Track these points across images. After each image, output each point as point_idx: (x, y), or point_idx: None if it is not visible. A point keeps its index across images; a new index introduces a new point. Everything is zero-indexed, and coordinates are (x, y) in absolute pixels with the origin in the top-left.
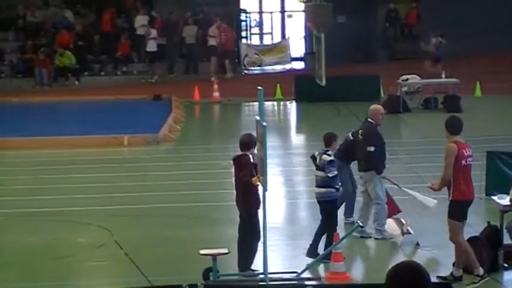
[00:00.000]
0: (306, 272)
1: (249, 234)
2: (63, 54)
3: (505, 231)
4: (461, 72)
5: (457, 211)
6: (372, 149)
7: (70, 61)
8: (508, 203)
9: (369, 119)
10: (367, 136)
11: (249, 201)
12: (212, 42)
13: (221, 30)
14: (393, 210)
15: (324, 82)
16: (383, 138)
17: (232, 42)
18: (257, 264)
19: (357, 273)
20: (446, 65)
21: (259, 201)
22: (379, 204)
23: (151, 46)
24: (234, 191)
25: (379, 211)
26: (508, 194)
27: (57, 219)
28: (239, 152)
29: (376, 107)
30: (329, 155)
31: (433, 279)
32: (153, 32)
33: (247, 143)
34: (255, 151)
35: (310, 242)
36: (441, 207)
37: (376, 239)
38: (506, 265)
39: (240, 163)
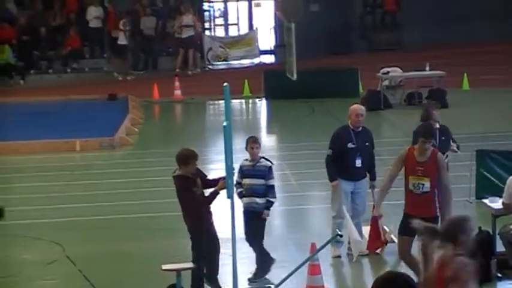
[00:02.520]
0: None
1: (194, 252)
2: (3, 50)
3: (497, 237)
4: (447, 63)
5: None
6: (329, 152)
7: (8, 58)
8: (501, 206)
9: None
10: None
11: (195, 221)
12: (190, 32)
13: (195, 19)
14: (375, 245)
15: (295, 76)
16: (346, 143)
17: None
18: (226, 279)
19: (336, 286)
20: (430, 56)
21: (203, 224)
22: (334, 218)
23: (122, 39)
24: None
25: (332, 226)
26: (500, 196)
27: (1, 234)
28: (176, 170)
29: (352, 107)
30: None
31: None
32: (120, 23)
33: (180, 158)
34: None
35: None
36: None
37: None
38: (499, 275)
39: (176, 185)
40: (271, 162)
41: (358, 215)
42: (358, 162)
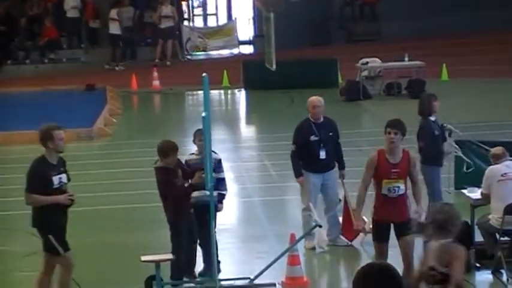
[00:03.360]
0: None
1: (173, 243)
2: None
3: (476, 227)
4: (426, 54)
5: None
6: (293, 147)
7: None
8: (479, 196)
9: None
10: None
11: (175, 212)
12: (169, 23)
13: (174, 10)
14: (351, 234)
15: (274, 67)
16: (309, 136)
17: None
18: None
19: (316, 277)
20: (409, 47)
21: (183, 216)
22: (303, 211)
23: (114, 28)
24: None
25: (302, 219)
26: (479, 187)
27: None
28: (157, 161)
29: (309, 99)
30: None
31: None
32: (113, 13)
33: (160, 150)
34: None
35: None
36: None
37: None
38: (478, 265)
39: (156, 176)
40: (219, 155)
41: (333, 207)
42: (323, 154)
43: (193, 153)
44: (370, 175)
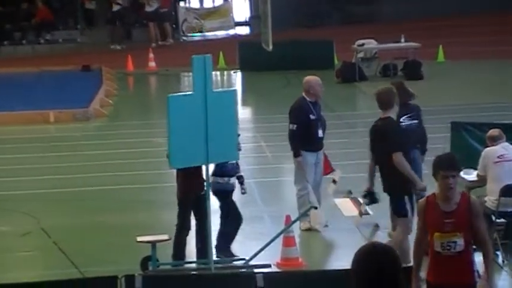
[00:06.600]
0: (255, 258)
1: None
2: None
3: None
4: (423, 35)
5: None
6: (294, 127)
7: None
8: (475, 178)
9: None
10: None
11: (182, 189)
12: (155, 5)
13: None
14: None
15: (270, 47)
16: (308, 115)
17: (170, 4)
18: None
19: (311, 258)
20: (405, 29)
21: (189, 193)
22: (300, 191)
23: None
24: None
25: (297, 200)
26: (475, 168)
27: None
28: None
29: (312, 78)
30: None
31: None
32: None
33: None
34: None
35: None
36: None
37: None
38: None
39: None
40: None
41: (319, 186)
42: (320, 133)
43: None
44: (421, 225)
